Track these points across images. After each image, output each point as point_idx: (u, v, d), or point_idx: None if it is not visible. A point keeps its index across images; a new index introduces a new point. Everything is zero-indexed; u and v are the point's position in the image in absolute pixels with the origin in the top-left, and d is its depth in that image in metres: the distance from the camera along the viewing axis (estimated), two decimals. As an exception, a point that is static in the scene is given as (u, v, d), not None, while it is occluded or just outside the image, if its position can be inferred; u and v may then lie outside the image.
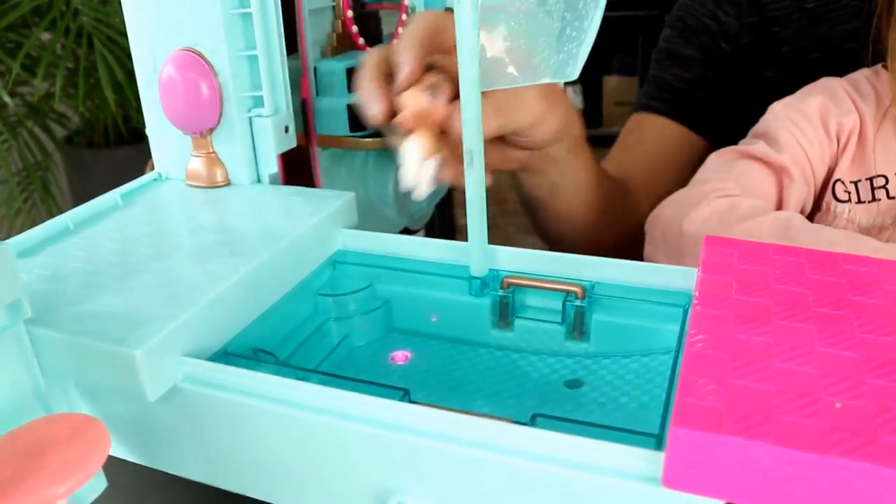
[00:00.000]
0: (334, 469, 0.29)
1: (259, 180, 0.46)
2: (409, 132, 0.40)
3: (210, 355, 0.32)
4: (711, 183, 0.50)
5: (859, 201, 0.52)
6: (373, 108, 0.41)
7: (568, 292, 0.36)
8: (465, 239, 0.37)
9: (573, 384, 0.35)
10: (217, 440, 0.31)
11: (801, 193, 0.51)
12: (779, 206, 0.51)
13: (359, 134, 0.48)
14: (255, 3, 0.42)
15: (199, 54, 0.43)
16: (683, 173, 0.62)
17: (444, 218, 1.35)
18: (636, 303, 0.35)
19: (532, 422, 0.27)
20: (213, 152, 0.45)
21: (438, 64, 0.41)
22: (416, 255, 0.40)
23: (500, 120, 0.43)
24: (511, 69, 0.36)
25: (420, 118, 0.39)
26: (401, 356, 0.38)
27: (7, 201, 1.71)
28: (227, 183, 0.45)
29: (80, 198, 1.38)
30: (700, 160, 0.55)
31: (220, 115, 0.44)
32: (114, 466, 0.29)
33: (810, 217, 0.53)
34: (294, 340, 0.36)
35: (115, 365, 0.29)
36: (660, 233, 0.49)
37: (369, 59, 0.42)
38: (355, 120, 0.47)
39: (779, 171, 0.50)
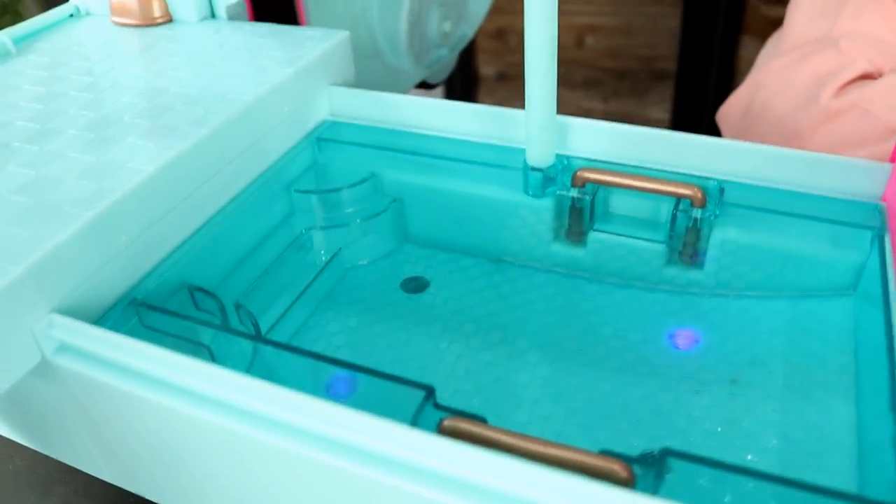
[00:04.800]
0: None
1: (213, 15, 0.32)
2: None
3: (109, 305, 0.20)
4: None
5: None
6: None
7: (679, 196, 0.23)
8: (497, 100, 0.24)
9: (682, 339, 0.23)
10: (121, 440, 0.19)
11: None
12: None
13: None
14: None
15: None
16: None
17: (464, 68, 1.10)
18: (790, 219, 0.22)
19: (658, 465, 0.15)
20: (145, -28, 0.31)
21: None
22: (441, 128, 0.27)
23: None
24: None
25: None
26: (416, 285, 0.26)
27: None
28: (169, 19, 0.32)
29: None
30: None
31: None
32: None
33: None
34: (251, 268, 0.24)
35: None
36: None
37: None
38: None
39: None
